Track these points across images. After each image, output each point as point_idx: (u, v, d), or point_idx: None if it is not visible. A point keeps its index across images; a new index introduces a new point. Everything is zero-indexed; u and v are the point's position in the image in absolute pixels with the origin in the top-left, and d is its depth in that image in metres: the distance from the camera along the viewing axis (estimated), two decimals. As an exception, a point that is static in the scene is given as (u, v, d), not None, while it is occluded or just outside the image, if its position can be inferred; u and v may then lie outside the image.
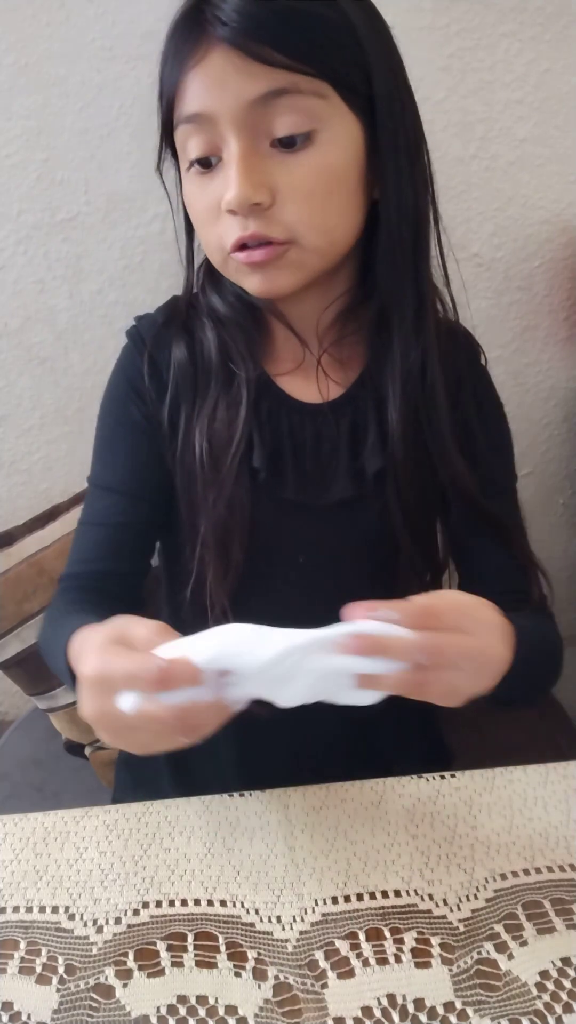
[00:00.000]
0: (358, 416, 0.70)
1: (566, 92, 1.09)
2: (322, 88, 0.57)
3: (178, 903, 0.57)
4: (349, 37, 0.59)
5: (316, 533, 0.72)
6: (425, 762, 0.73)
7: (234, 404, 0.69)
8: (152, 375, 0.72)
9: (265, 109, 0.57)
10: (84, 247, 1.11)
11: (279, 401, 0.70)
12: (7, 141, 1.05)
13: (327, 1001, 0.51)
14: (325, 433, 0.70)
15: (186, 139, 0.60)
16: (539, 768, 0.68)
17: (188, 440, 0.70)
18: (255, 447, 0.69)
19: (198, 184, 0.61)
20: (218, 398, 0.69)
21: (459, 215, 1.14)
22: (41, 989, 0.52)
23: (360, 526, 0.71)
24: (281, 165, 0.58)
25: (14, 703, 1.42)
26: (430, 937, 0.55)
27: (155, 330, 0.73)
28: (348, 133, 0.60)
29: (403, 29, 0.63)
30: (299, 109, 0.57)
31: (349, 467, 0.70)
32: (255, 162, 0.58)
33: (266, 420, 0.70)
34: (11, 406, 1.22)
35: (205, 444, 0.69)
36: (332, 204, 0.61)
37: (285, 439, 0.70)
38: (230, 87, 0.56)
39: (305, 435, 0.70)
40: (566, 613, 1.46)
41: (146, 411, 0.72)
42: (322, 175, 0.59)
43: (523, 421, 1.30)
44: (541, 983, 0.52)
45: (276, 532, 0.71)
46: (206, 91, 0.57)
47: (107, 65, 1.03)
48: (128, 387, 0.73)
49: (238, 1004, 0.51)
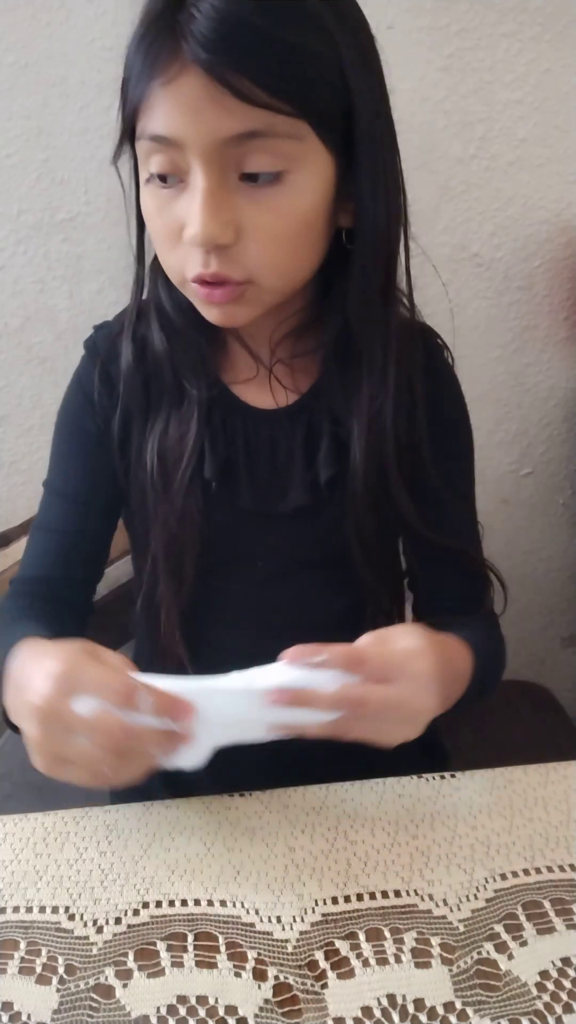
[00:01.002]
0: (313, 423, 0.70)
1: (566, 92, 1.09)
2: (300, 129, 0.54)
3: (178, 903, 0.57)
4: (334, 72, 0.55)
5: (274, 540, 0.71)
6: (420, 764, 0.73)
7: (185, 420, 0.68)
8: (104, 387, 0.71)
9: (237, 147, 0.53)
10: (84, 247, 1.11)
11: (233, 408, 0.70)
12: (7, 141, 1.05)
13: (327, 1001, 0.51)
14: (280, 439, 0.70)
15: (149, 154, 0.57)
16: (539, 768, 0.68)
17: (139, 455, 0.70)
18: (207, 457, 0.68)
19: (157, 199, 0.58)
20: (170, 413, 0.69)
21: (459, 215, 1.14)
22: (41, 989, 0.52)
23: (317, 535, 0.71)
24: (248, 201, 0.55)
25: (14, 703, 1.42)
26: (430, 937, 0.55)
27: (111, 340, 0.72)
28: (320, 171, 0.57)
29: (403, 29, 0.63)
30: (272, 151, 0.54)
31: (304, 474, 0.69)
32: (222, 198, 0.55)
33: (219, 428, 0.69)
34: (11, 406, 1.22)
35: (156, 460, 0.68)
36: (296, 247, 0.59)
37: (239, 446, 0.70)
38: (203, 119, 0.52)
39: (260, 441, 0.70)
40: (566, 613, 1.47)
41: (99, 422, 0.72)
42: (289, 217, 0.57)
43: (523, 421, 1.30)
44: (541, 983, 0.52)
45: (232, 541, 0.71)
46: (176, 116, 0.53)
47: (107, 65, 1.02)
48: (82, 397, 0.73)
49: (238, 1004, 0.51)
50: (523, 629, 1.47)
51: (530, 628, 1.47)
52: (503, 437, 1.30)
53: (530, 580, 1.43)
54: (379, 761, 0.76)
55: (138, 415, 0.70)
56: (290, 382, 0.70)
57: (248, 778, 0.68)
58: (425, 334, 0.74)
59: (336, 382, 0.68)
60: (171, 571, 0.69)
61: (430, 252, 0.71)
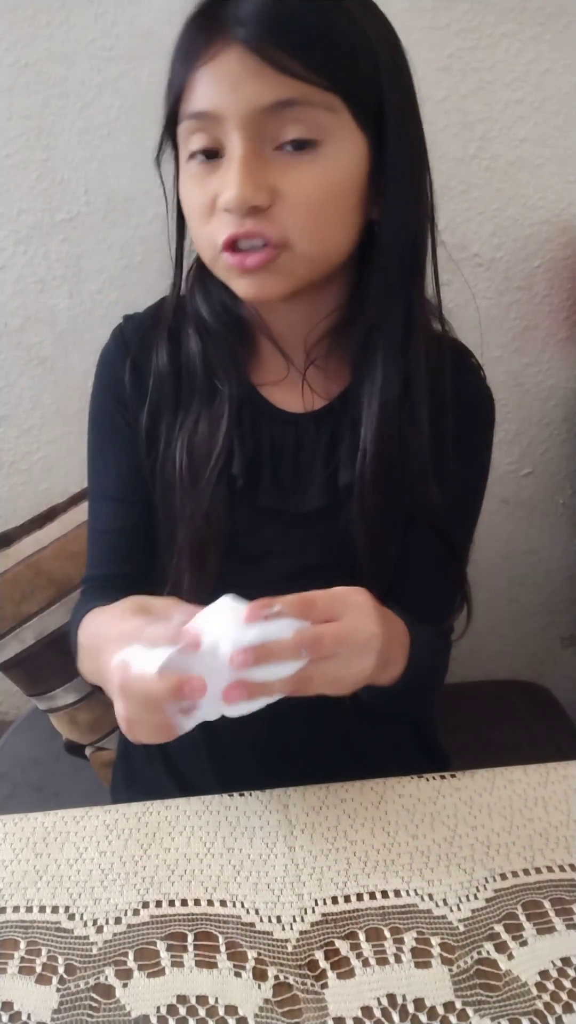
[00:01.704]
0: (337, 429, 0.70)
1: (566, 92, 1.09)
2: (333, 102, 0.57)
3: (178, 903, 0.57)
4: (366, 53, 0.58)
5: (293, 539, 0.73)
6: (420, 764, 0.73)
7: (216, 418, 0.69)
8: (134, 382, 0.72)
9: (273, 116, 0.56)
10: (84, 247, 1.11)
11: (261, 410, 0.71)
12: (7, 141, 1.05)
13: (327, 1001, 0.51)
14: (305, 442, 0.71)
15: (189, 134, 0.60)
16: (539, 768, 0.68)
17: (168, 451, 0.71)
18: (235, 455, 0.69)
19: (196, 178, 0.61)
20: (200, 411, 0.70)
21: (459, 215, 1.14)
22: (41, 989, 0.52)
23: (328, 537, 0.72)
24: (283, 169, 0.58)
25: (14, 703, 1.42)
26: (430, 937, 0.55)
27: (141, 333, 0.73)
28: (353, 149, 0.59)
29: (403, 29, 0.63)
30: (307, 120, 0.57)
31: (324, 478, 0.70)
32: (257, 164, 0.57)
33: (248, 429, 0.70)
34: (11, 406, 1.22)
35: (185, 457, 0.69)
36: (329, 214, 0.61)
37: (265, 447, 0.71)
38: (241, 90, 0.56)
39: (285, 443, 0.71)
40: (566, 613, 1.47)
41: (128, 418, 0.73)
42: (323, 184, 0.59)
43: (523, 421, 1.30)
44: (541, 983, 0.52)
45: (253, 538, 0.72)
46: (216, 90, 0.57)
47: (107, 65, 1.03)
48: (111, 396, 0.74)
49: (238, 1004, 0.51)
50: (523, 629, 1.47)
51: (530, 628, 1.47)
52: (503, 437, 1.30)
53: (530, 580, 1.43)
54: (379, 761, 0.76)
55: (168, 411, 0.72)
56: (321, 387, 0.70)
57: (248, 778, 0.68)
58: (457, 353, 0.73)
59: (360, 386, 0.69)
60: (196, 565, 0.71)
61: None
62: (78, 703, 0.98)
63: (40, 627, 0.95)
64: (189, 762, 0.82)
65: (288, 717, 0.59)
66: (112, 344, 0.75)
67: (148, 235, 1.10)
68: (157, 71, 0.62)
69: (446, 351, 0.71)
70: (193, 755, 0.81)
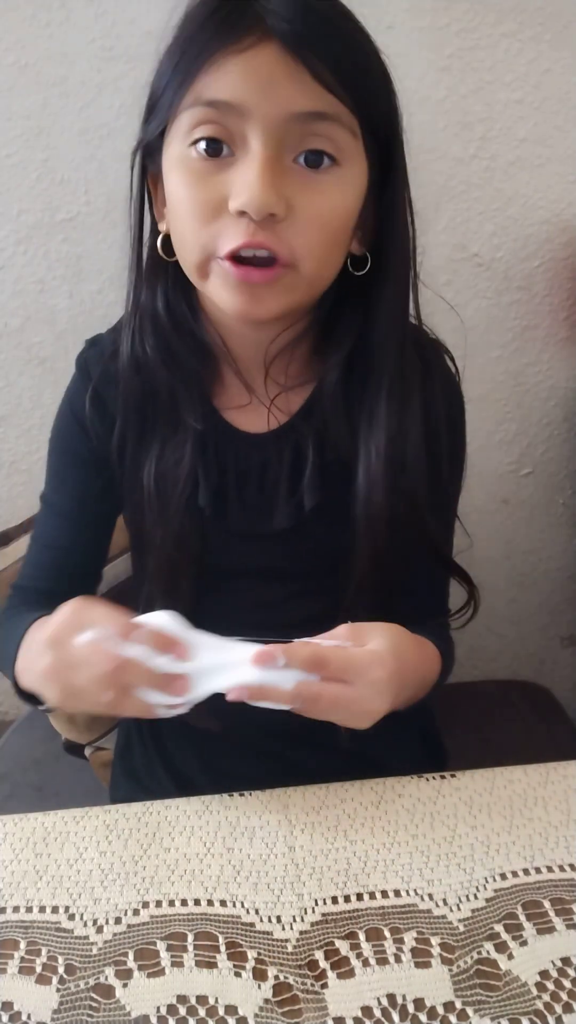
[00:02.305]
0: (300, 446, 0.70)
1: (566, 92, 1.09)
2: (355, 125, 0.56)
3: (178, 903, 0.57)
4: (385, 83, 0.59)
5: (264, 556, 0.73)
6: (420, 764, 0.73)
7: (180, 445, 0.69)
8: (97, 412, 0.71)
9: (301, 125, 0.54)
10: (84, 247, 1.11)
11: (226, 435, 0.70)
12: (7, 141, 1.05)
13: (327, 1001, 0.51)
14: (269, 463, 0.70)
15: (196, 121, 0.56)
16: (539, 768, 0.68)
17: (136, 477, 0.71)
18: (200, 485, 0.69)
19: (198, 173, 0.56)
20: (166, 439, 0.69)
21: (459, 215, 1.14)
22: (41, 989, 0.52)
23: (300, 553, 0.72)
24: (300, 182, 0.56)
25: (14, 703, 1.42)
26: (430, 937, 0.55)
27: (103, 363, 0.72)
28: (361, 176, 0.59)
29: (403, 29, 0.63)
30: (332, 138, 0.56)
31: (289, 499, 0.70)
32: (278, 171, 0.55)
33: (212, 455, 0.70)
34: (11, 406, 1.22)
35: (152, 484, 0.69)
36: (335, 238, 0.60)
37: (231, 471, 0.70)
38: (277, 91, 0.53)
39: (250, 465, 0.70)
40: (566, 613, 1.47)
41: (91, 445, 0.73)
42: (336, 207, 0.58)
43: (523, 421, 1.30)
44: (541, 983, 0.52)
45: (223, 558, 0.73)
46: (246, 83, 0.53)
47: (107, 65, 1.03)
48: (73, 421, 0.73)
49: (238, 1004, 0.51)
50: (523, 629, 1.47)
51: (530, 628, 1.47)
52: (503, 437, 1.30)
53: (530, 580, 1.43)
54: (379, 757, 0.76)
55: (132, 437, 0.71)
56: (282, 403, 0.70)
57: (248, 778, 0.68)
58: (436, 348, 0.73)
59: (335, 406, 0.68)
60: (168, 588, 0.71)
61: (430, 252, 0.71)
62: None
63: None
64: (184, 760, 0.82)
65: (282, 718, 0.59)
66: (76, 373, 0.75)
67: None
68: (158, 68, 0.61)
69: (431, 359, 0.71)
70: (188, 754, 0.81)
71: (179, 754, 0.82)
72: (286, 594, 0.74)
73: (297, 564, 0.73)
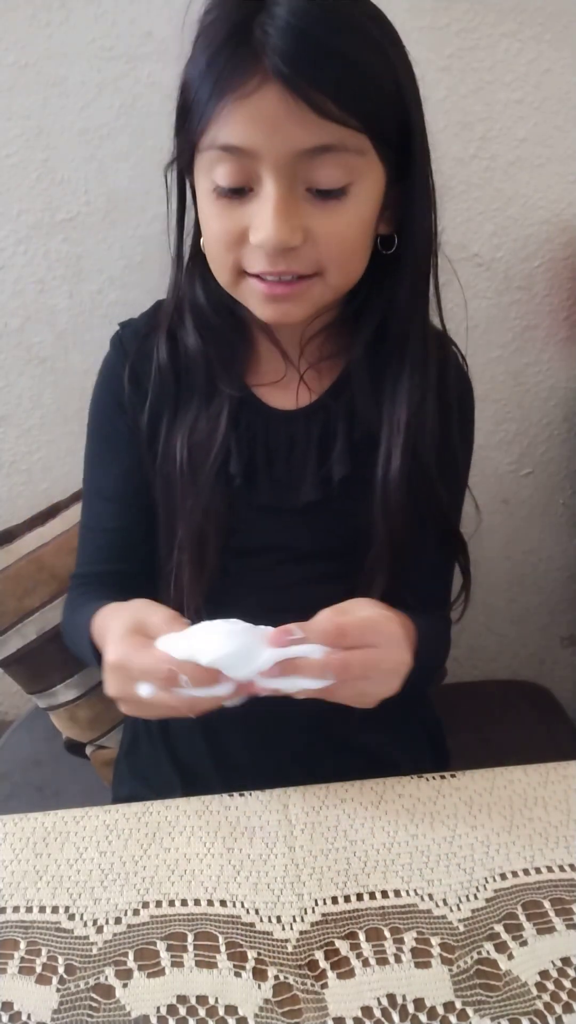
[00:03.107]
0: (329, 423, 0.72)
1: (566, 92, 1.09)
2: (364, 144, 0.57)
3: (178, 903, 0.57)
4: (392, 86, 0.59)
5: (288, 533, 0.74)
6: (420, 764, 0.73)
7: (214, 417, 0.71)
8: (133, 387, 0.73)
9: (310, 160, 0.56)
10: (84, 247, 1.11)
11: (257, 411, 0.72)
12: (7, 141, 1.05)
13: (327, 1001, 0.51)
14: (297, 438, 0.72)
15: (215, 164, 0.59)
16: (539, 768, 0.68)
17: (168, 448, 0.72)
18: (232, 455, 0.71)
19: (220, 207, 0.60)
20: (200, 410, 0.71)
21: (459, 215, 1.14)
22: (41, 989, 0.52)
23: (325, 528, 0.74)
24: (315, 210, 0.58)
25: (14, 703, 1.42)
26: (430, 937, 0.55)
27: (138, 340, 0.74)
28: (377, 181, 0.60)
29: (403, 29, 0.63)
30: (341, 165, 0.57)
31: (316, 472, 0.72)
32: (292, 204, 0.58)
33: (244, 429, 0.72)
34: (11, 406, 1.22)
35: (185, 453, 0.71)
36: (358, 248, 0.62)
37: (260, 446, 0.72)
38: (281, 132, 0.55)
39: (279, 441, 0.73)
40: (566, 613, 1.47)
41: (129, 422, 0.74)
42: (353, 224, 0.60)
43: (523, 421, 1.30)
44: (541, 983, 0.52)
45: (249, 534, 0.74)
46: (253, 128, 0.56)
47: (107, 65, 1.02)
48: (112, 400, 0.75)
49: (238, 1004, 0.51)
50: (523, 629, 1.47)
51: (530, 628, 1.47)
52: (503, 437, 1.30)
53: (530, 580, 1.43)
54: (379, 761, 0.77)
55: (167, 410, 0.73)
56: (314, 383, 0.72)
57: (248, 778, 0.68)
58: (444, 340, 0.76)
59: (362, 382, 0.70)
60: (195, 559, 0.72)
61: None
62: (78, 700, 0.98)
63: (42, 622, 0.95)
64: (192, 753, 0.82)
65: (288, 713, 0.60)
66: (112, 352, 0.76)
67: (148, 235, 1.10)
68: (157, 71, 0.62)
69: (440, 339, 0.74)
70: (195, 747, 0.82)
71: (187, 747, 0.83)
72: (303, 577, 0.75)
73: (317, 543, 0.75)
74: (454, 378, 0.74)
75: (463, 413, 0.76)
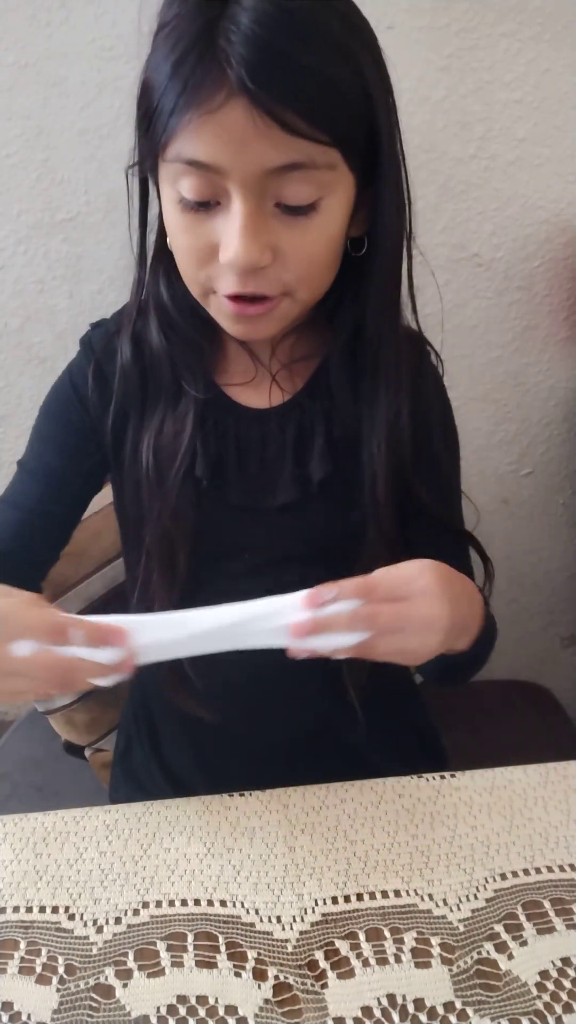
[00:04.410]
0: (304, 422, 0.71)
1: (566, 92, 1.09)
2: (334, 158, 0.56)
3: (178, 903, 0.57)
4: (361, 95, 0.57)
5: (262, 534, 0.73)
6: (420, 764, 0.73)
7: (181, 418, 0.69)
8: (97, 385, 0.72)
9: (279, 176, 0.54)
10: (84, 247, 1.11)
11: (226, 410, 0.71)
12: (7, 141, 1.05)
13: (327, 1001, 0.51)
14: (271, 438, 0.71)
15: (180, 176, 0.56)
16: (539, 768, 0.68)
17: (135, 452, 0.71)
18: (198, 457, 0.69)
19: (188, 222, 0.58)
20: (166, 412, 0.70)
21: (459, 215, 1.14)
22: (41, 989, 0.52)
23: (303, 529, 0.72)
24: (283, 226, 0.57)
25: (14, 704, 1.42)
26: (430, 937, 0.55)
27: (106, 339, 0.73)
28: (346, 193, 0.59)
29: (403, 29, 0.63)
30: (311, 181, 0.55)
31: (294, 472, 0.70)
32: (260, 222, 0.56)
33: (212, 429, 0.70)
34: (11, 406, 1.22)
35: (151, 457, 0.69)
36: (328, 264, 0.61)
37: (230, 445, 0.71)
38: (249, 150, 0.53)
39: (251, 440, 0.71)
40: (566, 613, 1.47)
41: (86, 419, 0.73)
42: (321, 240, 0.59)
43: (523, 421, 1.30)
44: (541, 983, 0.52)
45: (221, 535, 0.73)
46: (219, 145, 0.53)
47: (107, 65, 1.02)
48: (72, 391, 0.74)
49: (238, 1004, 0.51)
50: (523, 629, 1.47)
51: (530, 628, 1.47)
52: (503, 437, 1.30)
53: (530, 580, 1.43)
54: (379, 761, 0.76)
55: (133, 412, 0.71)
56: (286, 382, 0.71)
57: (248, 778, 0.68)
58: (419, 340, 0.75)
59: (341, 381, 0.69)
60: (164, 565, 0.71)
61: (429, 252, 0.71)
62: (75, 703, 0.98)
63: None
64: (179, 761, 0.82)
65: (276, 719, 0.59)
66: (79, 352, 0.75)
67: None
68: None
69: (413, 339, 0.73)
70: (183, 755, 0.82)
71: (174, 755, 0.82)
72: (278, 581, 0.73)
73: (296, 545, 0.73)
74: (431, 374, 0.74)
75: (442, 407, 0.76)
